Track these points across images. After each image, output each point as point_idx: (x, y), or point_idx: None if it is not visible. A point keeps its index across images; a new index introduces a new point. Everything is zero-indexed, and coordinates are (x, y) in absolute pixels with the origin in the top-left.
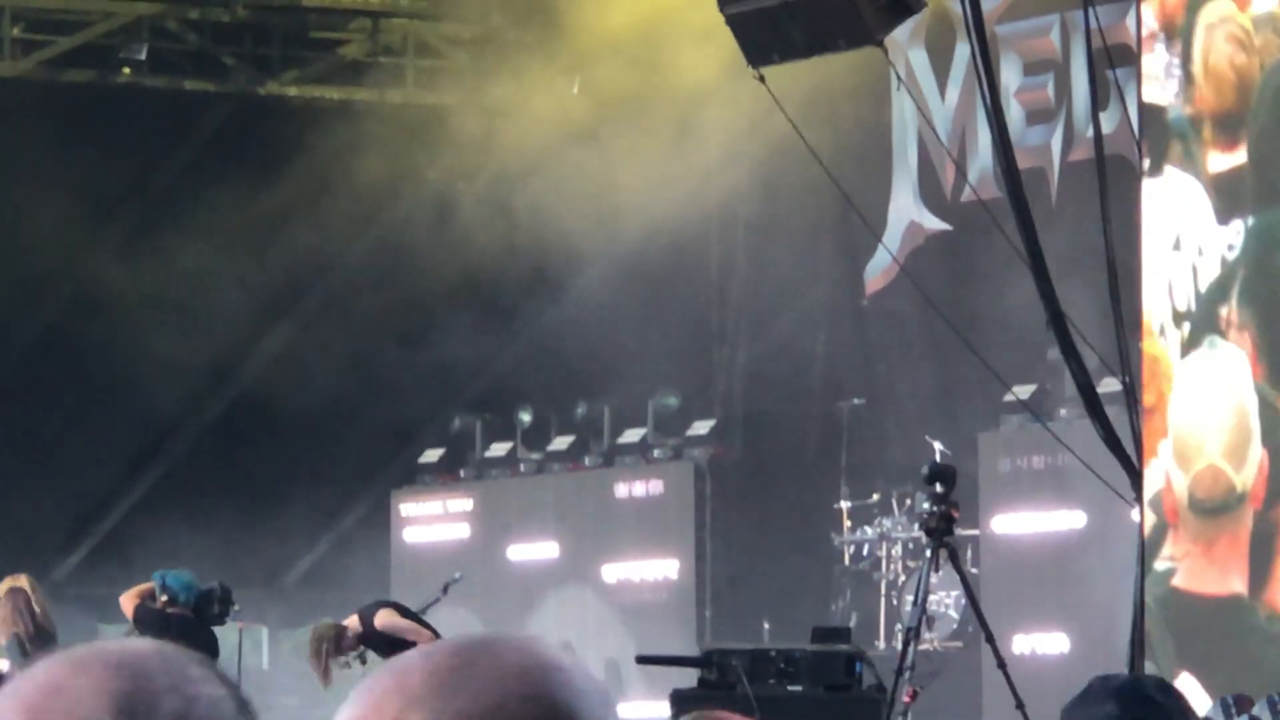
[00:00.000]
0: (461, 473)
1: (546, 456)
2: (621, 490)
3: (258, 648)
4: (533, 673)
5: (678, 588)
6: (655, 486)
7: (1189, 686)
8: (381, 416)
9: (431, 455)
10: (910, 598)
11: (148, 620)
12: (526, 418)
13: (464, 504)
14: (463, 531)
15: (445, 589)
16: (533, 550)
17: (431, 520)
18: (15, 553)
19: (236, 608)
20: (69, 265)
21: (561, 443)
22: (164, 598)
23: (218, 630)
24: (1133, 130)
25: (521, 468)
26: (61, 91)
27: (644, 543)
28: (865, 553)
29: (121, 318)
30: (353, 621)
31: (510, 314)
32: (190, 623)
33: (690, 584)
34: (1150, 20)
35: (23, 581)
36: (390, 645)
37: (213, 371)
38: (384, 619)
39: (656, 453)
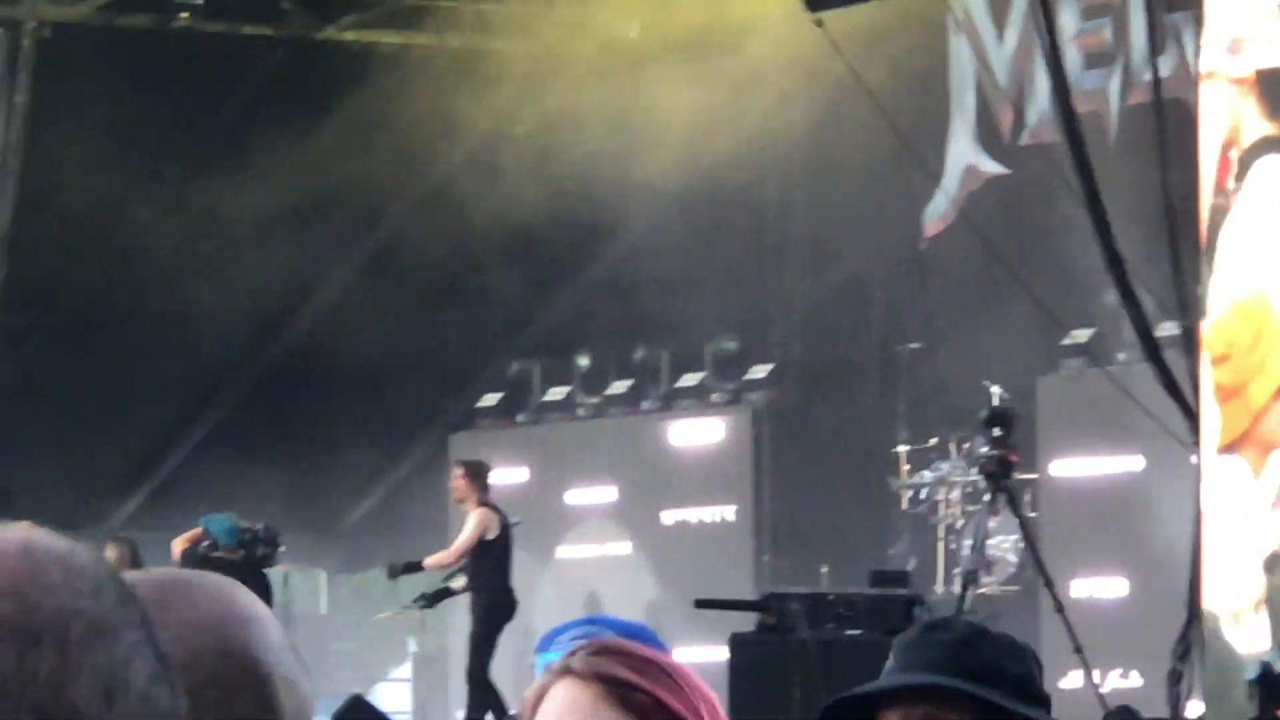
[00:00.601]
0: (519, 417)
1: (604, 400)
2: (679, 434)
3: (315, 593)
4: (229, 625)
5: (736, 532)
6: (713, 431)
7: None
8: (439, 361)
9: (489, 399)
10: (968, 542)
11: (192, 565)
12: (584, 362)
13: (522, 448)
14: (521, 475)
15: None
16: (591, 494)
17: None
18: (74, 498)
19: (282, 549)
20: (124, 210)
21: (619, 387)
22: (206, 542)
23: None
24: (1191, 73)
25: (579, 412)
26: (118, 36)
27: (702, 487)
28: (923, 497)
29: (176, 263)
30: None
31: (567, 258)
32: (236, 566)
33: (748, 528)
34: None
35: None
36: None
37: (269, 316)
38: None
39: (714, 397)
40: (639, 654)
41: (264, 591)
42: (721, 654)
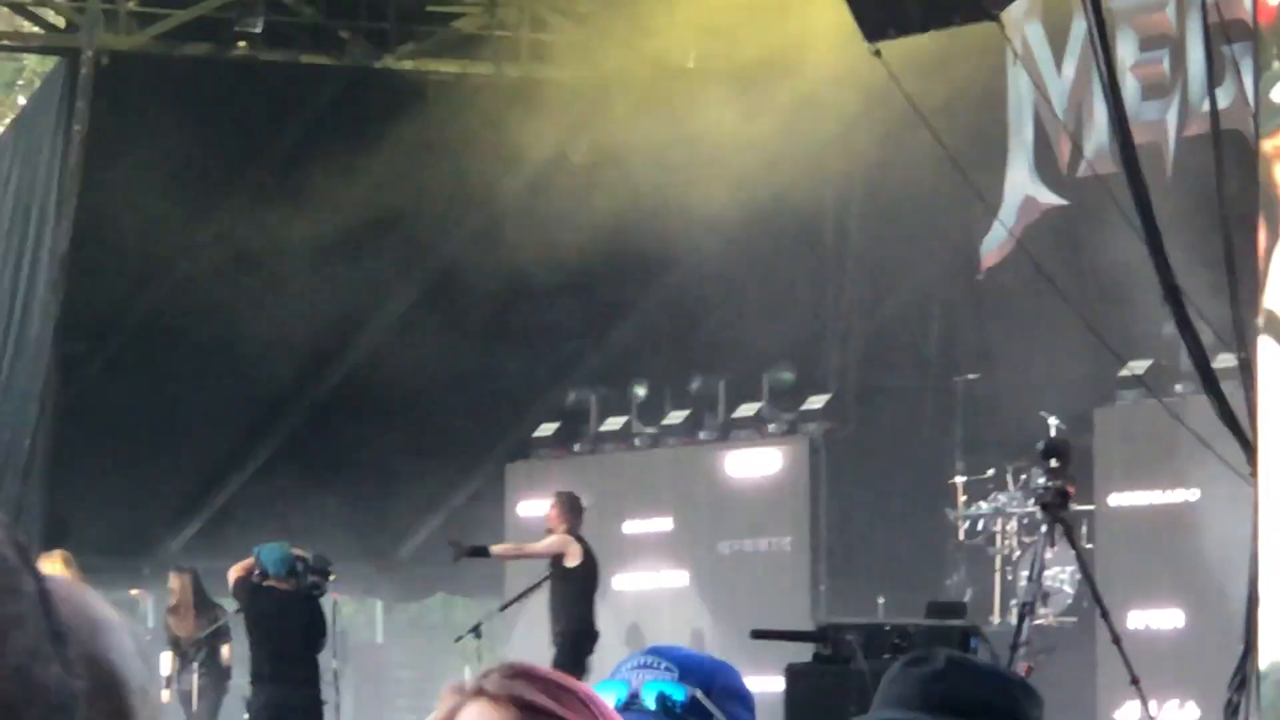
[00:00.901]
0: (576, 447)
1: (661, 430)
2: (735, 464)
3: (372, 622)
4: (82, 631)
5: (792, 562)
6: (770, 461)
7: None
8: (495, 390)
9: (546, 429)
10: (1025, 573)
11: (244, 593)
12: (641, 392)
13: (578, 478)
14: None
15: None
16: (647, 524)
17: (545, 494)
18: (131, 526)
19: (333, 578)
20: (181, 238)
21: (676, 417)
22: (258, 571)
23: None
24: (1249, 104)
25: (636, 442)
26: (176, 65)
27: (758, 517)
28: (980, 528)
29: (233, 291)
30: None
31: (625, 288)
32: (288, 595)
33: (805, 558)
34: None
35: (57, 559)
36: None
37: (327, 344)
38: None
39: (771, 427)
40: (555, 680)
41: (316, 620)
42: (777, 684)
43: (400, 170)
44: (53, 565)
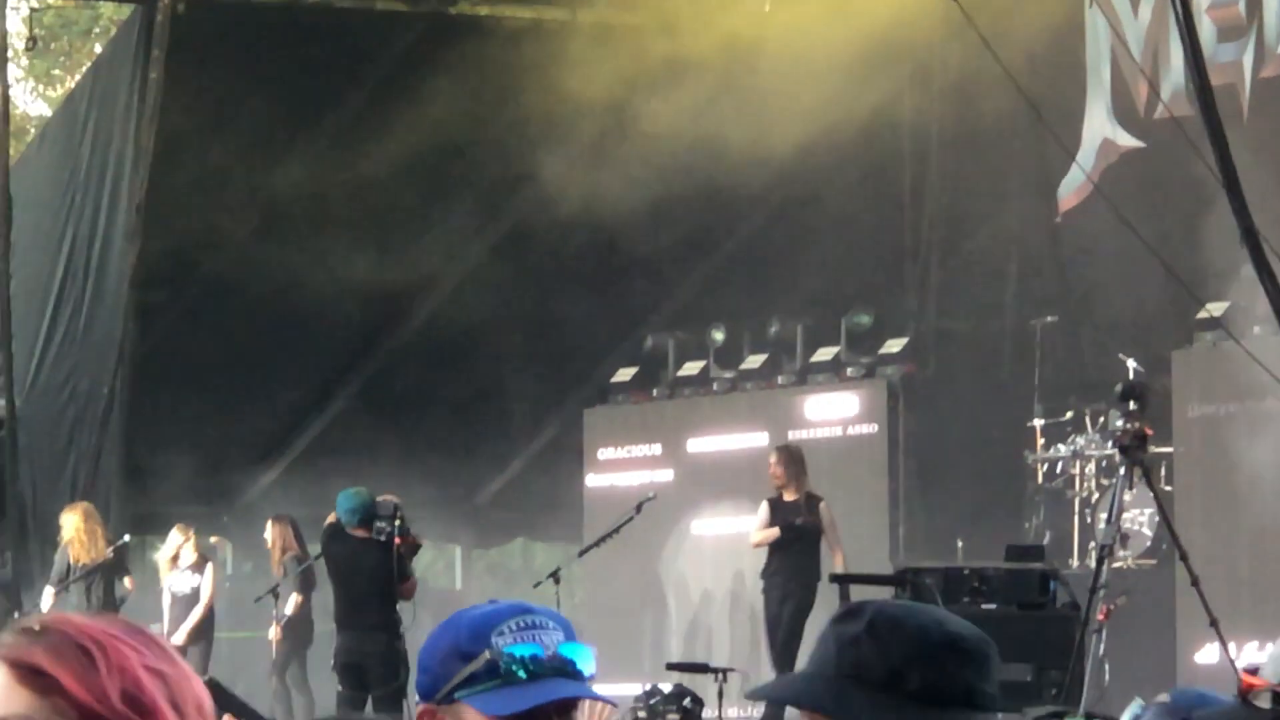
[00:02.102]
0: (654, 391)
1: (739, 375)
2: (814, 408)
3: (450, 568)
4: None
5: (870, 506)
6: (848, 404)
7: None
8: (573, 336)
9: (624, 374)
10: (1104, 515)
11: (324, 540)
12: (719, 336)
13: (656, 423)
14: (655, 451)
15: (639, 508)
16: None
17: (623, 439)
18: (208, 475)
19: (398, 523)
20: (257, 185)
21: (754, 361)
22: (336, 519)
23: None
24: None
25: (714, 386)
26: (252, 11)
27: (837, 461)
28: (1059, 470)
29: (313, 238)
30: None
31: (702, 232)
32: (360, 542)
33: (883, 502)
34: None
35: (78, 510)
36: None
37: (404, 290)
38: None
39: (849, 371)
40: (68, 633)
41: (386, 567)
42: None
43: (475, 116)
44: (73, 515)
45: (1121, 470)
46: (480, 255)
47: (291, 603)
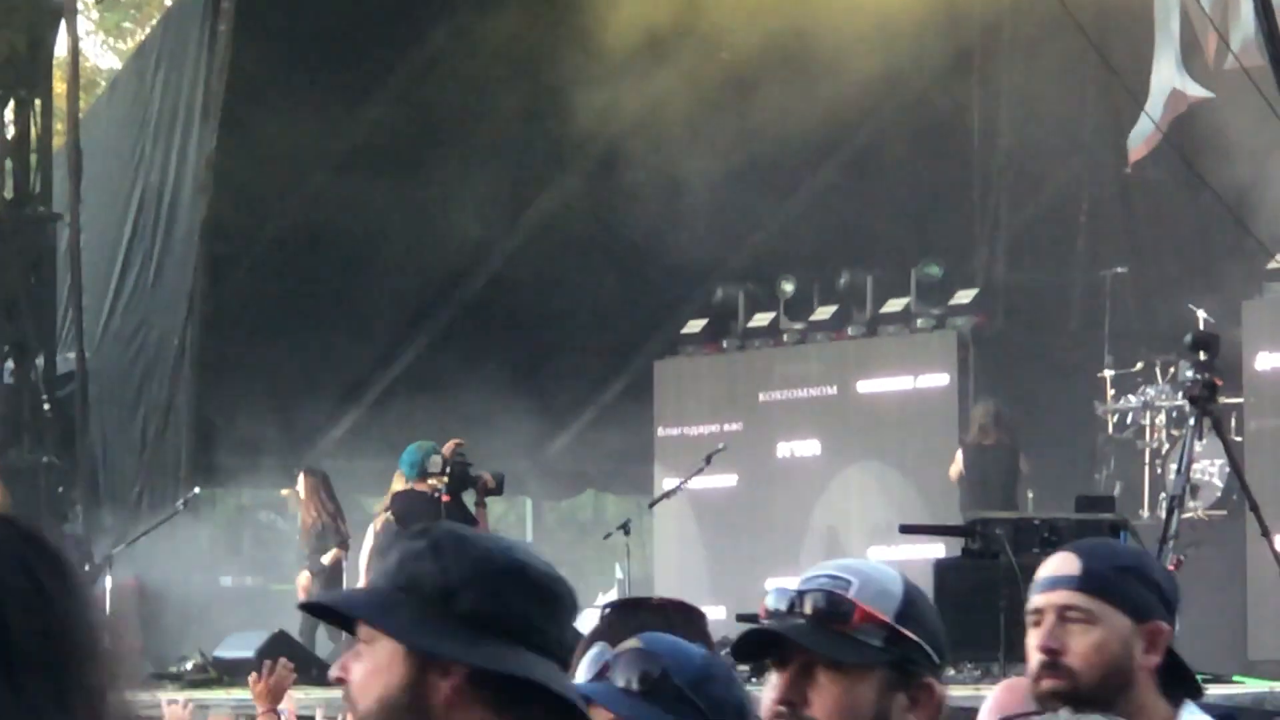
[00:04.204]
0: (724, 343)
1: (809, 326)
2: (884, 359)
3: (521, 520)
4: None
5: (941, 457)
6: (918, 356)
7: None
8: (643, 287)
9: (694, 326)
10: (1174, 466)
11: (395, 497)
12: (789, 287)
13: (726, 375)
14: (726, 402)
15: (708, 459)
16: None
17: (693, 390)
18: (279, 427)
19: (445, 480)
20: (330, 137)
21: (824, 312)
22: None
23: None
24: None
25: (784, 338)
26: None
27: (907, 412)
28: (1129, 421)
29: (383, 190)
30: None
31: (773, 184)
32: (415, 495)
33: (954, 452)
34: None
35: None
36: None
37: (475, 244)
38: None
39: (919, 322)
40: None
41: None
42: (926, 579)
43: (549, 67)
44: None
45: (1191, 421)
46: (552, 207)
47: (329, 555)
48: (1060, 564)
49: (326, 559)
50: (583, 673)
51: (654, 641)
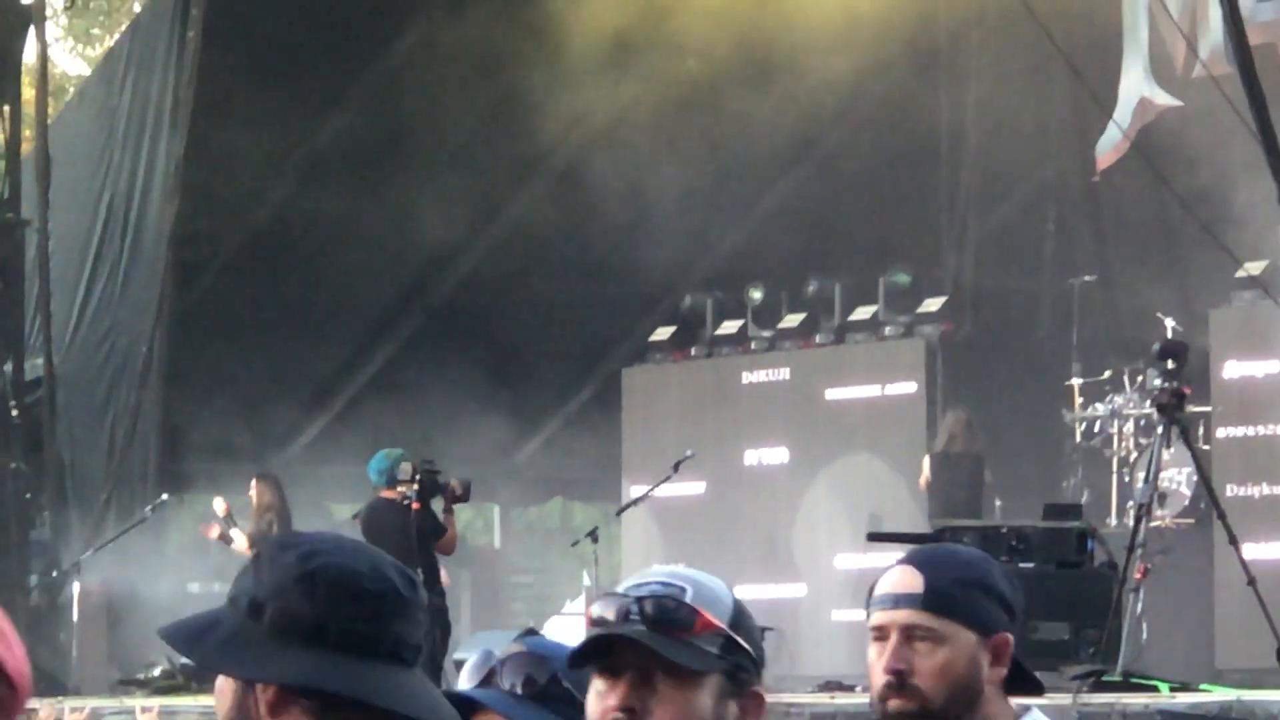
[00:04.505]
0: (692, 350)
1: (777, 334)
2: (852, 367)
3: (489, 527)
4: None
5: (908, 464)
6: (886, 363)
7: None
8: (611, 294)
9: (662, 333)
10: (1142, 474)
11: (367, 506)
12: (757, 295)
13: (694, 382)
14: (692, 409)
15: (676, 467)
16: (764, 426)
17: (661, 398)
18: (247, 433)
19: (415, 488)
20: (298, 142)
21: (792, 320)
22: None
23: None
24: None
25: (752, 345)
26: None
27: (874, 419)
28: (1097, 429)
29: (350, 195)
30: None
31: (741, 190)
32: (385, 503)
33: (920, 461)
34: None
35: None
36: None
37: (442, 249)
38: None
39: (887, 329)
40: None
41: (404, 528)
42: None
43: (512, 76)
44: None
45: (1159, 429)
46: (519, 212)
47: None
48: (902, 579)
49: None
50: (469, 678)
51: (539, 645)
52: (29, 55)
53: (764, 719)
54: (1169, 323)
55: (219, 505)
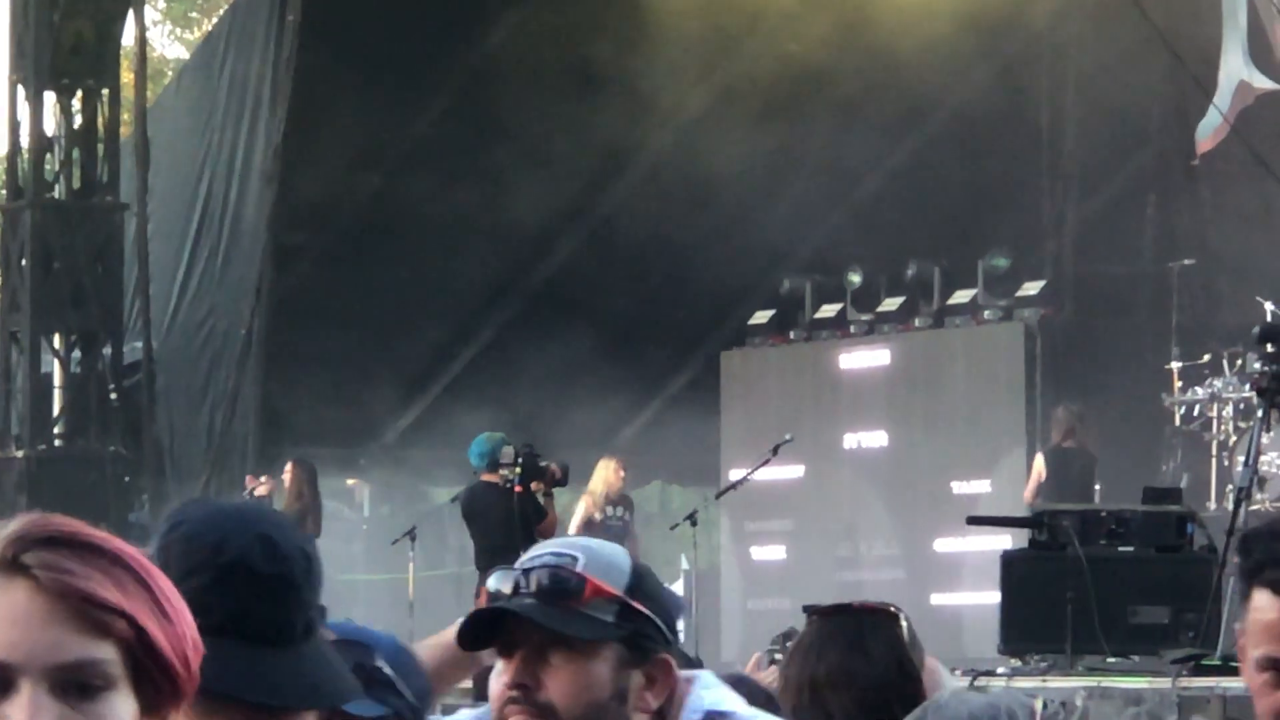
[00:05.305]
0: (791, 334)
1: (876, 317)
2: (951, 350)
3: None
4: None
5: (1009, 448)
6: (985, 347)
7: None
8: (711, 278)
9: (761, 317)
10: (1241, 458)
11: (466, 489)
12: (856, 279)
13: (793, 365)
14: (792, 392)
15: (775, 450)
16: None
17: (761, 381)
18: (347, 417)
19: (518, 470)
20: (397, 126)
21: (891, 303)
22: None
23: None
24: None
25: (851, 329)
26: None
27: (974, 402)
28: (1196, 413)
29: (449, 180)
30: None
31: (839, 175)
32: (485, 487)
33: (1021, 444)
34: None
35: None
36: None
37: (541, 234)
38: None
39: (987, 313)
40: (121, 557)
41: (507, 512)
42: (994, 570)
43: (616, 57)
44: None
45: (1259, 413)
46: (618, 198)
47: None
48: None
49: None
50: None
51: (348, 630)
52: (127, 39)
53: (675, 686)
54: (1269, 306)
55: (261, 486)
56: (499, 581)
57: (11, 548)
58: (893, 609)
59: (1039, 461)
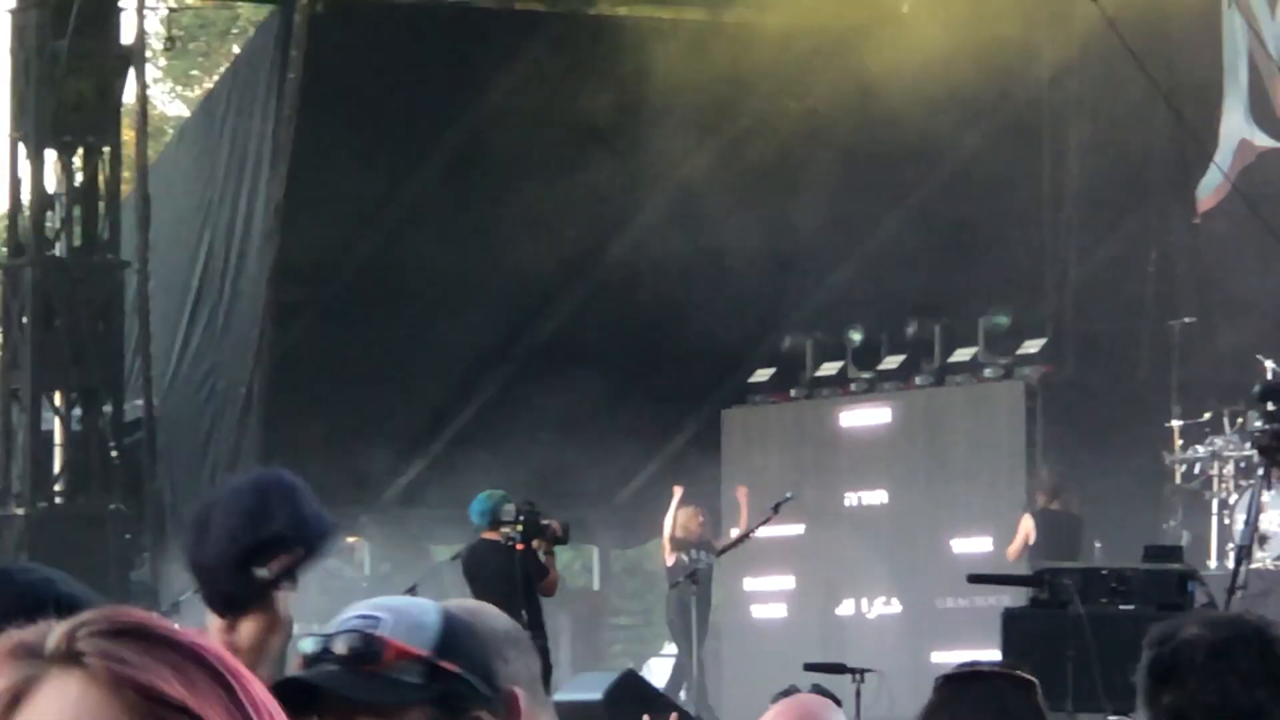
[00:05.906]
0: (792, 392)
1: (877, 375)
2: (951, 408)
3: (588, 569)
4: None
5: (1008, 506)
6: (985, 405)
7: None
8: (712, 336)
9: (762, 374)
10: (1242, 516)
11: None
12: (857, 337)
13: (794, 424)
14: (793, 451)
15: (776, 508)
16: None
17: (762, 440)
18: (347, 473)
19: (519, 528)
20: (397, 186)
21: (892, 361)
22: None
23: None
24: None
25: (852, 387)
26: (390, 12)
27: (975, 460)
28: (1197, 471)
29: (448, 239)
30: None
31: (841, 232)
32: (486, 545)
33: (1021, 502)
34: None
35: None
36: None
37: (540, 293)
38: None
39: (987, 371)
40: (187, 648)
41: (508, 569)
42: (994, 629)
43: (612, 116)
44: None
45: (1260, 471)
46: (619, 256)
47: None
48: None
49: None
50: None
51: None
52: (128, 97)
53: None
54: (1269, 365)
55: None
56: (310, 646)
57: (68, 638)
58: (1028, 679)
59: (1027, 521)
